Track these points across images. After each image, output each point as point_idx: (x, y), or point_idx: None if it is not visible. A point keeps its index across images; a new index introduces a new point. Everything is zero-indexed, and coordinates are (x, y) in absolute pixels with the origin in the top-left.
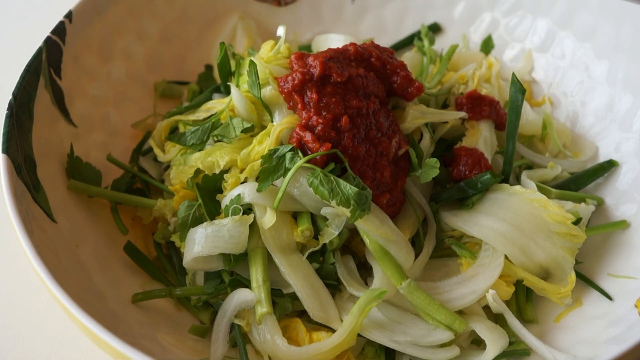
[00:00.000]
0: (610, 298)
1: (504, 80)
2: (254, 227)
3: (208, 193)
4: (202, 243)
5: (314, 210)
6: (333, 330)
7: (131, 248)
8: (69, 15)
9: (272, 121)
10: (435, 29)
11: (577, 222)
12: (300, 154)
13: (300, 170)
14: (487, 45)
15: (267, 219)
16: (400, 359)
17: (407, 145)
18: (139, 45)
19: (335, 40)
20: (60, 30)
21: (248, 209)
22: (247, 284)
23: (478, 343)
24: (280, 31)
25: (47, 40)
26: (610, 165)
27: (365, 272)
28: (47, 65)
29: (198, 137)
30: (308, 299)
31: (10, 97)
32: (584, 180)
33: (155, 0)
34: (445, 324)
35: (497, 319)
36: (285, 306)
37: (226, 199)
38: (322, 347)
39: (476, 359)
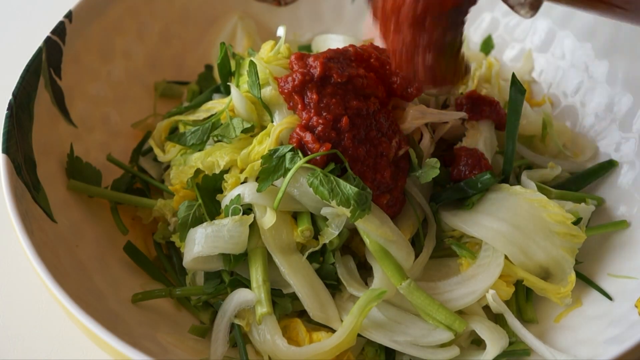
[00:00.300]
0: (610, 298)
1: (504, 80)
2: (254, 227)
3: (208, 193)
4: (202, 243)
5: (314, 210)
6: (333, 330)
7: (131, 248)
8: (69, 15)
9: (272, 121)
10: None
11: (577, 222)
12: (300, 154)
13: (300, 170)
14: (487, 45)
15: (267, 219)
16: (400, 359)
17: (407, 145)
18: (139, 45)
19: (335, 41)
20: (60, 30)
21: (248, 209)
22: (247, 284)
23: (478, 343)
24: (280, 31)
25: (47, 40)
26: (610, 165)
27: (365, 272)
28: (47, 65)
29: (198, 137)
30: (308, 299)
31: (10, 97)
32: (584, 180)
33: (155, 0)
34: (445, 324)
35: (497, 319)
36: (285, 306)
37: (226, 199)
38: (322, 347)
39: (476, 359)
